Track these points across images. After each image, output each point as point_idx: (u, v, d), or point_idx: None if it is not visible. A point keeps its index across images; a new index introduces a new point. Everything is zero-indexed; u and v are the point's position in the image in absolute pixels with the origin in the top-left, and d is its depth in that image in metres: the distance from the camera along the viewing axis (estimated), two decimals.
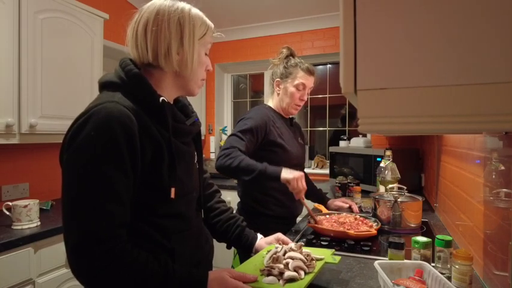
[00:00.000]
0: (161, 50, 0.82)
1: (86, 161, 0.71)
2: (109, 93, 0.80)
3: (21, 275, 1.46)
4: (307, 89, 1.65)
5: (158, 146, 0.80)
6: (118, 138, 0.72)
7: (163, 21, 0.82)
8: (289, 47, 1.69)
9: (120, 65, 0.84)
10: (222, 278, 0.80)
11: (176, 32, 0.83)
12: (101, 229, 0.70)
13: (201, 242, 0.96)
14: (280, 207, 1.59)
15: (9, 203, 1.60)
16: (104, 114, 0.72)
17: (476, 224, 1.07)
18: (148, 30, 0.82)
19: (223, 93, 3.81)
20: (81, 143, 0.71)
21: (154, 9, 0.83)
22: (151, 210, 0.81)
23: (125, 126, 0.73)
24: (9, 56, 1.67)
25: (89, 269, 0.70)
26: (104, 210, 0.71)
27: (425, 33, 0.51)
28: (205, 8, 0.91)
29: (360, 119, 0.55)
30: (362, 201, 1.90)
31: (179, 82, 0.89)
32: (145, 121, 0.78)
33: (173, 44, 0.83)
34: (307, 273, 0.88)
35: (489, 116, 0.49)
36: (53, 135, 1.92)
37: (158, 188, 0.80)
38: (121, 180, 0.73)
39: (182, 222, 0.88)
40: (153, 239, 0.81)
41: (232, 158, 1.41)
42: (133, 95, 0.80)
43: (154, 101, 0.81)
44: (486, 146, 0.99)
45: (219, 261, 2.49)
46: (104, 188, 0.71)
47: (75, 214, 0.71)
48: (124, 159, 0.73)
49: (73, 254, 0.70)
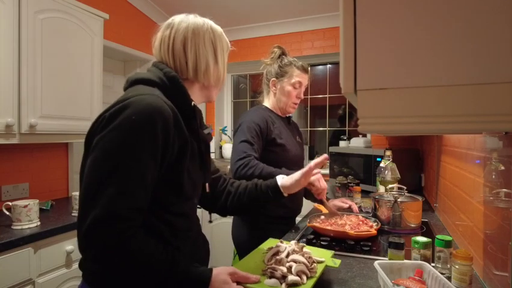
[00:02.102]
0: (201, 67, 0.90)
1: (123, 141, 0.73)
2: (147, 87, 0.83)
3: (21, 275, 1.46)
4: (303, 86, 1.66)
5: (184, 144, 0.83)
6: (157, 127, 0.74)
7: (200, 39, 0.90)
8: (281, 46, 1.70)
9: (157, 67, 0.89)
10: (224, 281, 0.80)
11: (211, 51, 0.93)
12: (123, 209, 0.71)
13: (199, 244, 0.98)
14: (280, 207, 1.59)
15: (9, 203, 1.60)
16: (146, 103, 0.75)
17: (476, 224, 1.07)
18: (187, 49, 0.89)
19: (223, 93, 3.81)
20: (121, 123, 0.73)
21: (188, 27, 0.90)
22: (165, 206, 0.83)
23: (164, 118, 0.76)
24: (9, 56, 1.67)
25: (103, 245, 0.70)
26: (130, 192, 0.72)
27: (425, 34, 0.51)
28: (205, 8, 0.92)
29: (360, 119, 0.55)
30: (362, 201, 1.90)
31: (204, 92, 0.97)
32: (179, 119, 0.82)
33: (211, 61, 0.92)
34: (309, 278, 0.88)
35: (489, 116, 0.49)
36: (53, 135, 1.92)
37: (178, 186, 0.83)
38: (151, 168, 0.75)
39: (188, 222, 0.90)
40: (162, 236, 0.82)
41: (252, 168, 1.41)
42: (169, 94, 0.84)
43: (187, 104, 0.87)
44: (486, 146, 0.99)
45: (218, 261, 2.49)
46: (134, 171, 0.73)
47: (101, 190, 0.71)
48: (158, 149, 0.75)
49: (87, 227, 0.70)
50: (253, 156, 1.45)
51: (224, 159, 3.47)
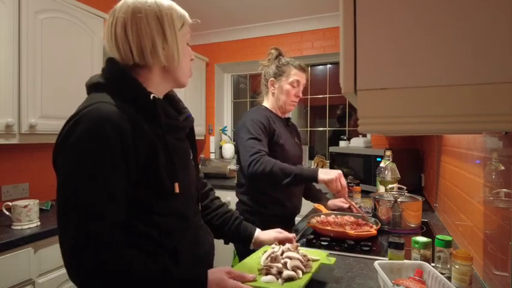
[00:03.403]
0: (146, 47, 0.81)
1: (78, 162, 0.71)
2: (98, 94, 0.79)
3: (21, 275, 1.46)
4: (301, 85, 1.68)
5: (152, 144, 0.79)
6: (110, 138, 0.71)
7: (141, 18, 0.81)
8: (278, 48, 1.72)
9: (106, 65, 0.84)
10: (220, 278, 0.79)
11: (157, 28, 0.82)
12: (96, 231, 0.69)
13: (200, 241, 0.96)
14: (280, 207, 1.59)
15: (9, 203, 1.60)
16: (94, 115, 0.72)
17: (476, 224, 1.07)
18: (128, 31, 0.81)
19: (223, 93, 3.81)
20: (73, 144, 0.71)
21: (128, 8, 0.82)
22: (149, 209, 0.80)
23: (116, 126, 0.72)
24: (9, 56, 1.67)
25: (85, 273, 0.69)
26: (98, 212, 0.70)
27: (425, 33, 0.51)
28: (205, 8, 0.91)
29: (360, 119, 0.55)
30: (362, 201, 1.90)
31: (167, 76, 0.89)
32: (136, 120, 0.77)
33: (157, 39, 0.82)
34: (305, 273, 0.89)
35: (489, 116, 0.49)
36: (53, 135, 1.89)
37: (158, 185, 0.80)
38: (115, 180, 0.72)
39: (182, 220, 0.87)
40: (153, 239, 0.80)
41: (263, 164, 1.42)
42: (122, 94, 0.79)
43: (145, 98, 0.81)
44: (486, 146, 0.99)
45: (218, 261, 2.49)
46: (96, 188, 0.70)
47: (69, 216, 0.70)
48: (116, 159, 0.72)
49: (68, 257, 0.70)
50: (263, 151, 1.46)
51: (224, 159, 3.47)
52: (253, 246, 1.14)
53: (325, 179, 1.38)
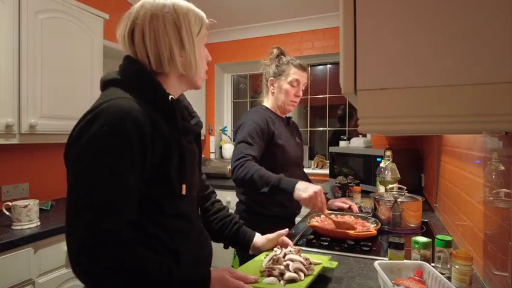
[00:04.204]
0: (163, 56, 0.81)
1: (97, 155, 0.69)
2: (117, 89, 0.78)
3: (21, 275, 1.46)
4: (302, 85, 1.66)
5: (168, 144, 0.79)
6: (131, 133, 0.70)
7: (159, 25, 0.79)
8: (279, 47, 1.70)
9: (124, 63, 0.83)
10: (223, 277, 0.80)
11: (175, 35, 0.81)
12: (109, 227, 0.68)
13: (202, 243, 0.96)
14: (280, 208, 1.59)
15: (9, 203, 1.60)
16: (115, 110, 0.71)
17: (476, 224, 1.07)
18: (146, 39, 0.80)
19: (223, 93, 3.81)
20: (92, 137, 0.69)
21: (145, 14, 0.80)
22: (157, 208, 0.80)
23: (138, 122, 0.72)
24: (9, 56, 1.67)
25: (93, 268, 0.68)
26: (113, 207, 0.69)
27: (425, 34, 0.51)
28: (205, 8, 0.91)
29: (360, 119, 0.55)
30: (362, 202, 1.90)
31: (183, 80, 0.89)
32: (155, 118, 0.77)
33: (175, 47, 0.81)
34: (307, 275, 0.89)
35: (489, 116, 0.49)
36: (53, 135, 1.92)
37: (167, 186, 0.79)
38: (132, 177, 0.71)
39: (185, 222, 0.88)
40: (158, 239, 0.80)
41: (246, 168, 1.37)
42: (141, 92, 0.79)
43: (164, 99, 0.80)
44: (486, 146, 0.99)
45: (218, 261, 2.49)
46: (114, 184, 0.69)
47: (83, 210, 0.68)
48: (135, 156, 0.71)
49: (78, 255, 0.67)
50: (250, 156, 1.42)
51: (224, 159, 3.47)
52: (252, 251, 1.13)
53: (301, 197, 1.28)
